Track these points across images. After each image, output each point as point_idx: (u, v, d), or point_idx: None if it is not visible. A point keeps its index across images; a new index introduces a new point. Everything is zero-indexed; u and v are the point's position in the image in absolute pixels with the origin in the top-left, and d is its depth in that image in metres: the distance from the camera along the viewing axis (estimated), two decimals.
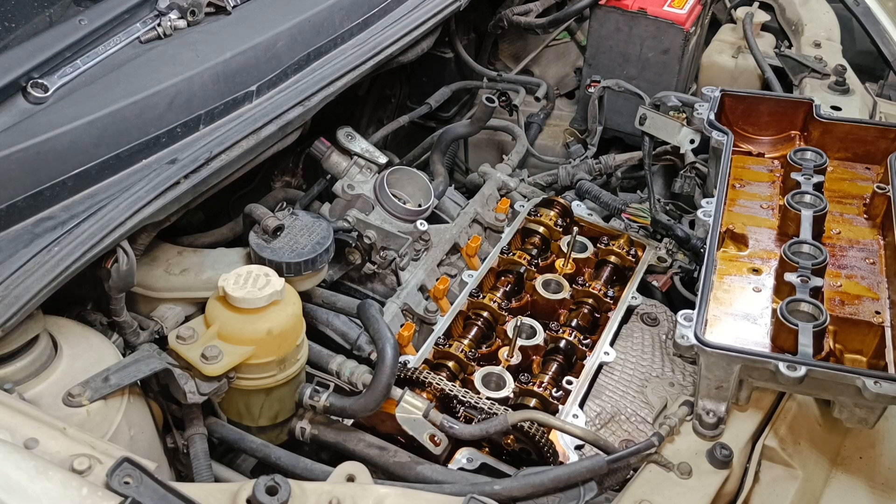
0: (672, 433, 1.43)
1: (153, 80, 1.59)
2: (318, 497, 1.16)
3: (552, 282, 2.03)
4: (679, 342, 1.44)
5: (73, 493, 1.04)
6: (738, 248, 1.71)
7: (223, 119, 1.69)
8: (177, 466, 1.57)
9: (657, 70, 2.55)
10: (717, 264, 1.65)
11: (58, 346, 1.43)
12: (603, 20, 2.56)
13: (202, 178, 1.57)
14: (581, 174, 2.41)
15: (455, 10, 2.24)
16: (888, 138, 1.92)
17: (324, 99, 1.83)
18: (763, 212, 1.82)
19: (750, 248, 1.71)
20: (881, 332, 1.51)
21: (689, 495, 1.34)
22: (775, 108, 2.05)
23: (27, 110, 1.47)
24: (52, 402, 1.34)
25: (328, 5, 1.93)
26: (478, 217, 2.24)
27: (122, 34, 1.65)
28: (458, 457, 1.63)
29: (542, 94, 2.69)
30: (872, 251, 1.70)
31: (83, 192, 1.48)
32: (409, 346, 1.88)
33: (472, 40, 2.88)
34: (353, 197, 2.06)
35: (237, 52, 1.72)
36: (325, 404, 1.60)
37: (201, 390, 1.47)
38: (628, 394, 1.79)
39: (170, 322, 1.67)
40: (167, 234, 1.73)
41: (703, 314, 1.46)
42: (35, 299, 1.31)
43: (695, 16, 2.54)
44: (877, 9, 2.76)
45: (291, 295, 1.59)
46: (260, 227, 1.74)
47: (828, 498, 1.45)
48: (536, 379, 1.79)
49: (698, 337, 1.42)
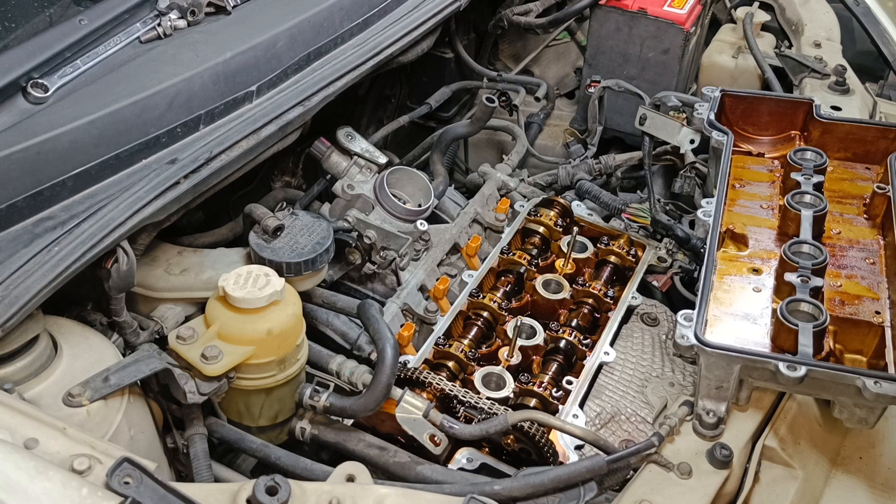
0: (672, 433, 1.43)
1: (153, 80, 1.59)
2: (318, 497, 1.16)
3: (552, 282, 2.03)
4: (679, 342, 1.44)
5: (73, 493, 1.04)
6: (738, 248, 1.71)
7: (223, 119, 1.69)
8: (177, 466, 1.57)
9: (657, 70, 2.55)
10: (717, 264, 1.65)
11: (58, 346, 1.43)
12: (603, 20, 2.56)
13: (202, 178, 1.57)
14: (581, 174, 2.41)
15: (455, 10, 2.24)
16: (888, 138, 1.92)
17: (324, 99, 1.83)
18: (763, 212, 1.82)
19: (750, 248, 1.71)
20: (881, 332, 1.51)
21: (689, 495, 1.34)
22: (775, 108, 2.05)
23: (27, 110, 1.47)
24: (52, 402, 1.34)
25: (328, 5, 1.93)
26: (478, 217, 2.23)
27: (122, 34, 1.65)
28: (458, 457, 1.63)
29: (542, 94, 2.69)
30: (872, 251, 1.70)
31: (83, 192, 1.48)
32: (409, 346, 1.88)
33: (472, 40, 2.88)
34: (353, 197, 2.06)
35: (237, 52, 1.71)
36: (325, 404, 1.60)
37: (201, 390, 1.47)
38: (628, 394, 1.79)
39: (170, 322, 1.67)
40: (167, 234, 1.73)
41: (703, 314, 1.46)
42: (35, 299, 1.31)
43: (695, 16, 2.54)
44: (877, 9, 2.76)
45: (291, 295, 1.59)
46: (260, 227, 1.74)
47: (828, 498, 1.45)
48: (536, 379, 1.79)
49: (698, 337, 1.42)
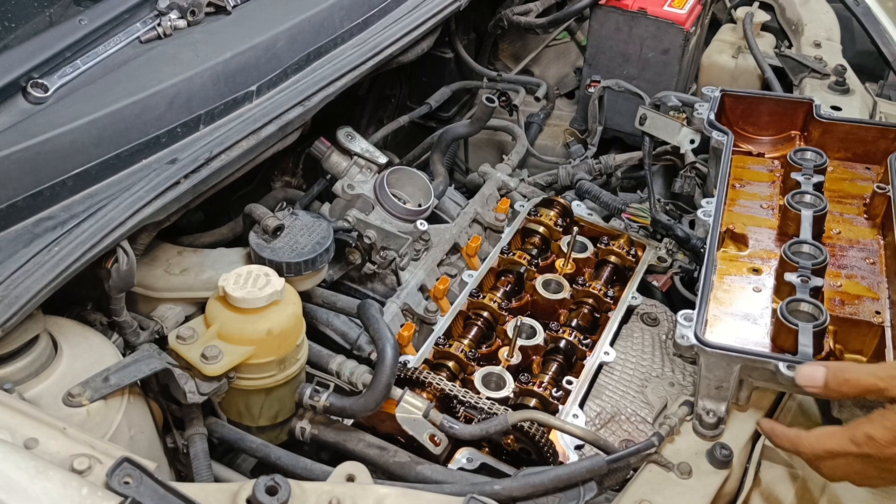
0: (672, 433, 1.43)
1: (153, 80, 1.58)
2: (318, 497, 1.16)
3: (552, 282, 2.03)
4: (679, 342, 1.43)
5: (73, 493, 1.03)
6: (738, 248, 1.71)
7: (223, 119, 1.69)
8: (177, 466, 1.57)
9: (657, 70, 2.55)
10: (717, 264, 1.65)
11: (58, 346, 1.43)
12: (603, 20, 2.56)
13: (202, 178, 1.57)
14: (581, 174, 2.41)
15: (455, 10, 2.24)
16: (888, 138, 1.92)
17: (324, 99, 1.83)
18: (763, 212, 1.82)
19: (750, 248, 1.71)
20: (881, 332, 1.51)
21: (689, 495, 1.34)
22: (775, 107, 2.05)
23: (27, 110, 1.47)
24: (52, 402, 1.33)
25: (328, 5, 1.93)
26: (478, 217, 2.24)
27: (122, 34, 1.65)
28: (458, 457, 1.63)
29: (542, 94, 2.69)
30: (872, 251, 1.70)
31: (83, 192, 1.48)
32: (409, 346, 1.88)
33: (472, 40, 2.88)
34: (353, 197, 2.06)
35: (237, 52, 1.71)
36: (325, 404, 1.60)
37: (201, 390, 1.47)
38: (628, 394, 1.79)
39: (170, 322, 1.67)
40: (167, 234, 1.73)
41: (703, 314, 1.46)
42: (35, 299, 1.31)
43: (695, 16, 2.54)
44: (877, 9, 2.76)
45: (291, 295, 1.59)
46: (260, 227, 1.74)
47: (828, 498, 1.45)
48: (536, 379, 1.79)
49: (698, 337, 1.42)
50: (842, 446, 1.21)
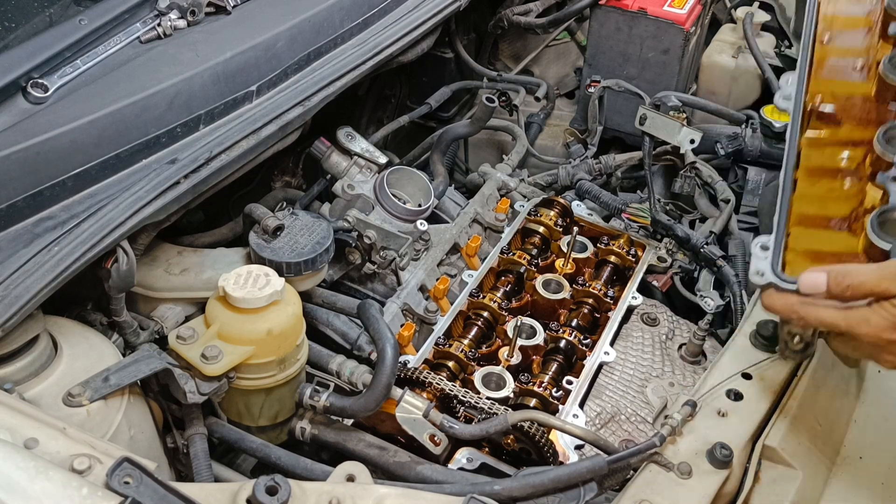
0: (674, 433, 1.43)
1: (153, 80, 1.58)
2: (318, 497, 1.16)
3: (552, 282, 2.03)
4: (754, 280, 1.20)
5: (73, 493, 1.03)
6: (826, 130, 1.31)
7: (223, 119, 1.69)
8: (177, 466, 1.57)
9: (657, 70, 2.55)
10: (802, 152, 1.31)
11: (58, 346, 1.43)
12: (603, 20, 2.56)
13: (202, 178, 1.57)
14: (581, 174, 2.41)
15: (455, 10, 2.24)
16: None
17: (324, 99, 1.83)
18: (856, 74, 1.39)
19: (840, 127, 1.32)
20: None
21: (689, 495, 1.34)
22: None
23: (27, 110, 1.47)
24: (52, 402, 1.33)
25: (328, 5, 1.93)
26: (478, 217, 2.23)
27: (122, 34, 1.65)
28: (458, 457, 1.63)
29: (542, 94, 2.69)
30: None
31: (83, 192, 1.48)
32: (409, 346, 1.88)
33: (472, 40, 2.88)
34: (353, 197, 2.06)
35: (237, 52, 1.71)
36: (325, 404, 1.60)
37: (201, 390, 1.47)
38: (628, 394, 1.79)
39: (170, 322, 1.67)
40: (167, 234, 1.73)
41: (781, 242, 1.22)
42: (35, 299, 1.31)
43: (695, 16, 2.54)
44: None
45: (291, 295, 1.59)
46: (260, 227, 1.74)
47: (828, 498, 1.45)
48: (536, 379, 1.79)
49: (776, 272, 1.18)
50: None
